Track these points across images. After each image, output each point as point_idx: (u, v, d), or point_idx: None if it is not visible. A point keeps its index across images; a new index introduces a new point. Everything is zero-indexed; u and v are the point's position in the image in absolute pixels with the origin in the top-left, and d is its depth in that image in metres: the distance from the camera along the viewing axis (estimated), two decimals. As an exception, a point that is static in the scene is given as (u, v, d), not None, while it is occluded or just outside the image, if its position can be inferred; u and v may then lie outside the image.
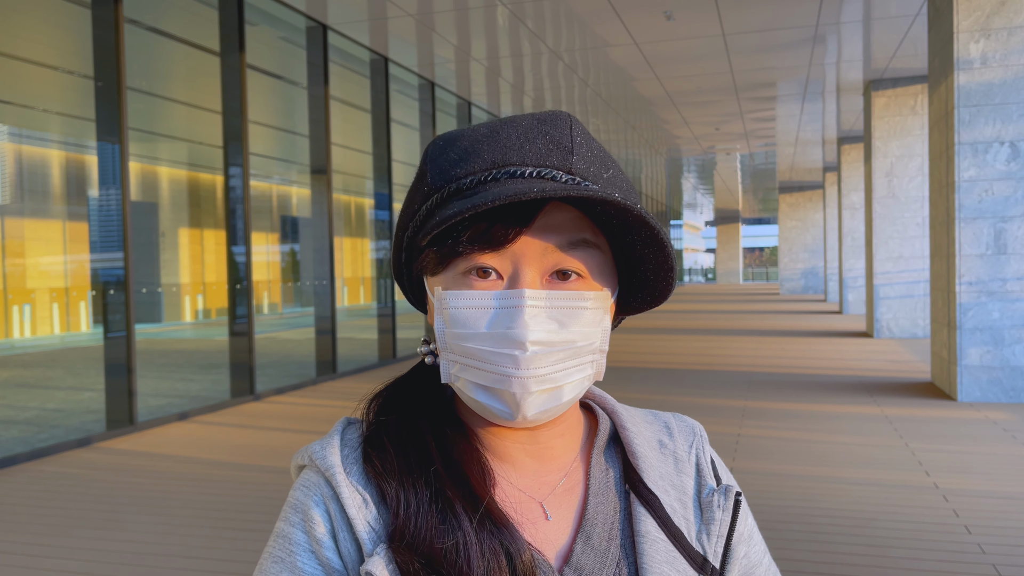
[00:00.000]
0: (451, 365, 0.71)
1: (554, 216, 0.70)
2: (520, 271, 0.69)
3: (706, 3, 8.12)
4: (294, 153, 14.97)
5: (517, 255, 0.69)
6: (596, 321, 0.71)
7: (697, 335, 13.48)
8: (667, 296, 0.76)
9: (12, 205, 13.46)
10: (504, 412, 0.70)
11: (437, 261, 0.72)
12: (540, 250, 0.70)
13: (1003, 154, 6.70)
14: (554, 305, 0.69)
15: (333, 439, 0.74)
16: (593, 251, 0.72)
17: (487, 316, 0.69)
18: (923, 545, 3.50)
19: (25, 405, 8.36)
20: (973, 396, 6.81)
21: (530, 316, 0.68)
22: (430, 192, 0.72)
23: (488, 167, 0.70)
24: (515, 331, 0.67)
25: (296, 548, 0.70)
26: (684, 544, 0.76)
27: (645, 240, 0.71)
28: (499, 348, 0.68)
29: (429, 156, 0.74)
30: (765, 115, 14.72)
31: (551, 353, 0.68)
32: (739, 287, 35.56)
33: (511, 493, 0.74)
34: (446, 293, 0.70)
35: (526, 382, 0.68)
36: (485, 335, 0.68)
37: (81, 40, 7.39)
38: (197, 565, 3.43)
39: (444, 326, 0.71)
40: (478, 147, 0.71)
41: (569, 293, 0.70)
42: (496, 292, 0.69)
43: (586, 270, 0.71)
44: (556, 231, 0.70)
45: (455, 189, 0.70)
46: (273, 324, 17.52)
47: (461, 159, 0.71)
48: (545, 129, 0.71)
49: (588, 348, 0.71)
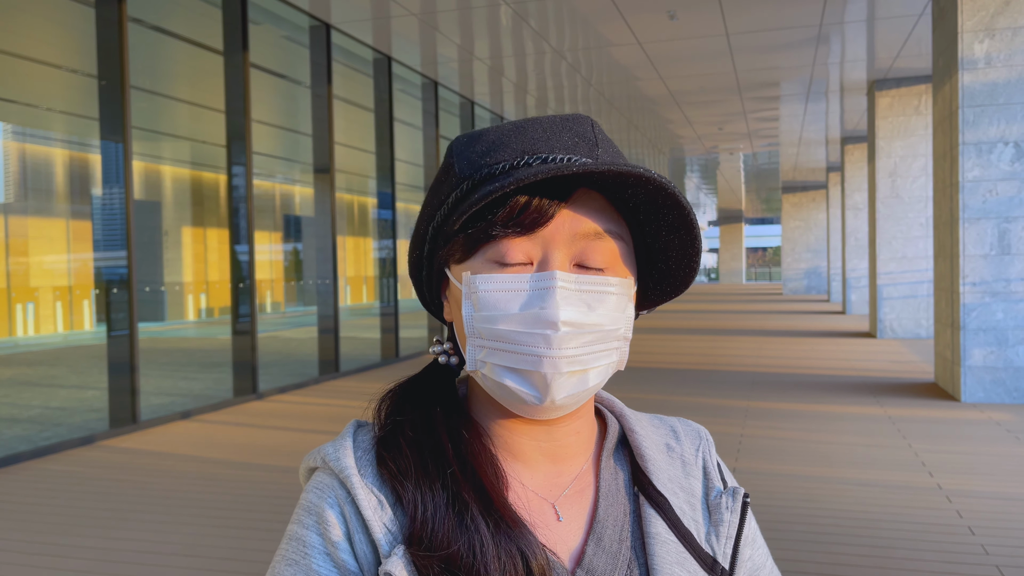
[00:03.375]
0: (478, 351, 0.71)
1: (584, 202, 0.72)
2: (549, 256, 0.70)
3: (710, 3, 8.11)
4: (297, 152, 14.98)
5: (547, 240, 0.70)
6: (621, 307, 0.72)
7: (700, 335, 13.48)
8: (688, 284, 0.77)
9: (16, 203, 13.48)
10: (532, 396, 0.70)
11: (465, 248, 0.72)
12: (569, 236, 0.71)
13: (1007, 154, 6.69)
14: (582, 288, 0.70)
15: (346, 441, 0.74)
16: (618, 241, 0.73)
17: (519, 298, 0.69)
18: (926, 546, 3.49)
19: (29, 403, 8.37)
20: (976, 397, 6.80)
21: (561, 297, 0.69)
22: (459, 181, 0.72)
23: (519, 154, 0.71)
24: (548, 311, 0.68)
25: (311, 550, 0.70)
26: (694, 545, 0.76)
27: (672, 224, 0.73)
28: (531, 328, 0.68)
29: (455, 151, 0.75)
30: (768, 115, 14.71)
31: (581, 335, 0.69)
32: (742, 287, 35.54)
33: (523, 494, 0.74)
34: (476, 277, 0.71)
35: (557, 362, 0.68)
36: (516, 316, 0.69)
37: (85, 39, 7.40)
38: (200, 563, 3.43)
39: (472, 310, 0.71)
40: (506, 139, 0.73)
41: (596, 278, 0.71)
42: (528, 275, 0.70)
43: (609, 261, 0.72)
44: (585, 218, 0.71)
45: (487, 174, 0.71)
46: (276, 323, 17.54)
47: (489, 150, 0.72)
48: (569, 125, 0.74)
49: (614, 334, 0.72)
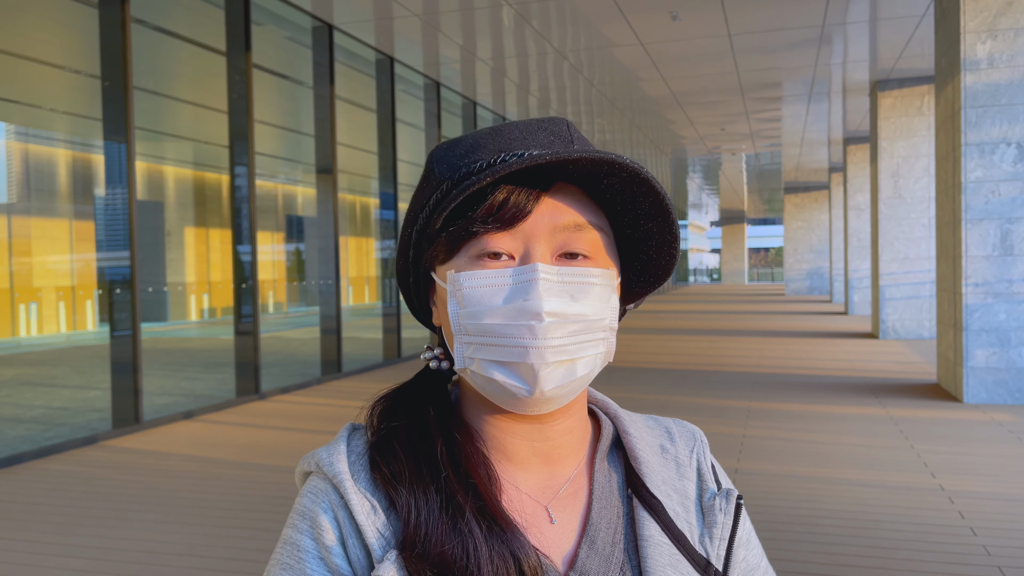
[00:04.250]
0: (465, 348, 0.72)
1: (563, 195, 0.73)
2: (531, 249, 0.71)
3: (712, 3, 8.11)
4: (300, 153, 15.00)
5: (527, 234, 0.72)
6: (605, 298, 0.73)
7: (702, 336, 13.47)
8: (670, 272, 0.78)
9: (19, 204, 13.50)
10: (521, 388, 0.70)
11: (448, 247, 0.73)
12: (549, 229, 0.72)
13: (1010, 155, 6.68)
14: (565, 280, 0.71)
15: (339, 446, 0.75)
16: (599, 232, 0.74)
17: (502, 292, 0.70)
18: (928, 547, 3.49)
19: (31, 403, 8.39)
20: (979, 398, 6.79)
21: (544, 288, 0.70)
22: (440, 182, 0.74)
23: (495, 153, 0.73)
24: (531, 302, 0.69)
25: (305, 555, 0.70)
26: (687, 547, 0.76)
27: (649, 212, 0.74)
28: (516, 320, 0.69)
29: (435, 157, 0.77)
30: (771, 115, 14.70)
31: (566, 324, 0.70)
32: (744, 288, 35.50)
33: (517, 497, 0.75)
34: (459, 274, 0.72)
35: (543, 352, 0.69)
36: (500, 310, 0.70)
37: (88, 40, 7.41)
38: (202, 563, 3.44)
39: (458, 307, 0.72)
40: (483, 141, 0.75)
41: (578, 269, 0.72)
42: (510, 269, 0.71)
43: (592, 251, 0.74)
44: (564, 212, 0.72)
45: (465, 172, 0.72)
46: (278, 323, 17.56)
47: (467, 152, 0.74)
48: (545, 126, 0.76)
49: (600, 324, 0.72)
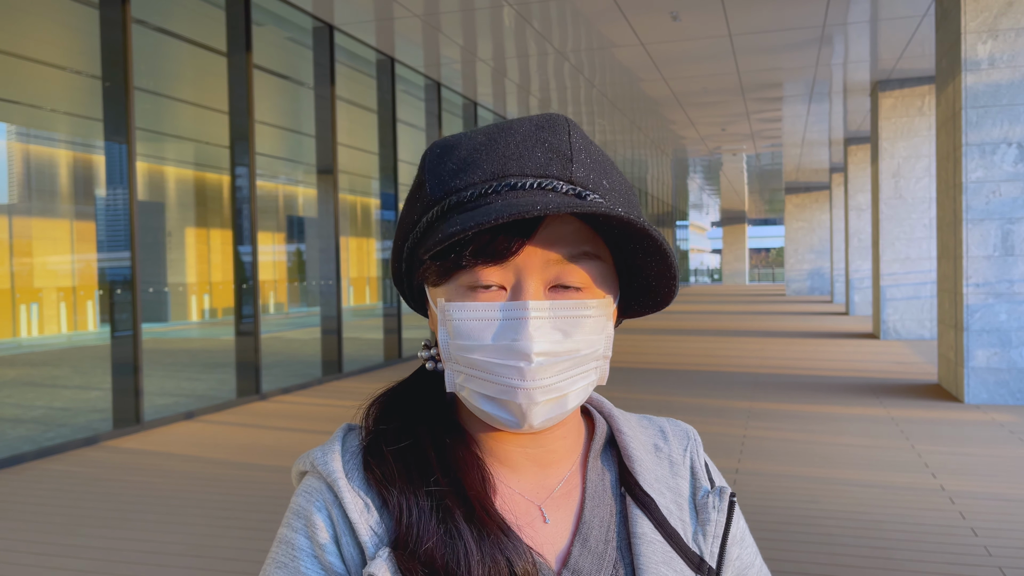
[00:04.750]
0: (456, 375, 0.71)
1: (556, 228, 0.70)
2: (523, 283, 0.69)
3: (713, 4, 8.11)
4: (300, 153, 15.00)
5: (520, 267, 0.69)
6: (599, 328, 0.71)
7: (702, 336, 13.46)
8: (669, 302, 0.76)
9: (20, 204, 13.51)
10: (510, 422, 0.70)
11: (439, 274, 0.71)
12: (542, 261, 0.69)
13: (1011, 155, 6.68)
14: (557, 315, 0.69)
15: (334, 445, 0.75)
16: (595, 262, 0.71)
17: (491, 328, 0.68)
18: (929, 547, 3.49)
19: (32, 404, 8.40)
20: (980, 398, 6.79)
21: (534, 328, 0.67)
22: (430, 204, 0.71)
23: (488, 179, 0.69)
24: (520, 343, 0.67)
25: (299, 553, 0.71)
26: (681, 545, 0.76)
27: (647, 250, 0.71)
28: (504, 360, 0.68)
29: (427, 165, 0.73)
30: (771, 116, 14.70)
31: (556, 363, 0.68)
32: (745, 288, 35.48)
33: (510, 497, 0.75)
34: (449, 305, 0.70)
35: (532, 393, 0.68)
36: (490, 347, 0.68)
37: (89, 40, 7.41)
38: (203, 563, 3.44)
39: (448, 337, 0.71)
40: (476, 156, 0.71)
41: (572, 303, 0.69)
42: (500, 304, 0.69)
43: (588, 280, 0.71)
44: (558, 243, 0.70)
45: (455, 202, 0.69)
46: (279, 324, 17.56)
47: (460, 169, 0.71)
48: (543, 136, 0.71)
49: (592, 356, 0.71)
